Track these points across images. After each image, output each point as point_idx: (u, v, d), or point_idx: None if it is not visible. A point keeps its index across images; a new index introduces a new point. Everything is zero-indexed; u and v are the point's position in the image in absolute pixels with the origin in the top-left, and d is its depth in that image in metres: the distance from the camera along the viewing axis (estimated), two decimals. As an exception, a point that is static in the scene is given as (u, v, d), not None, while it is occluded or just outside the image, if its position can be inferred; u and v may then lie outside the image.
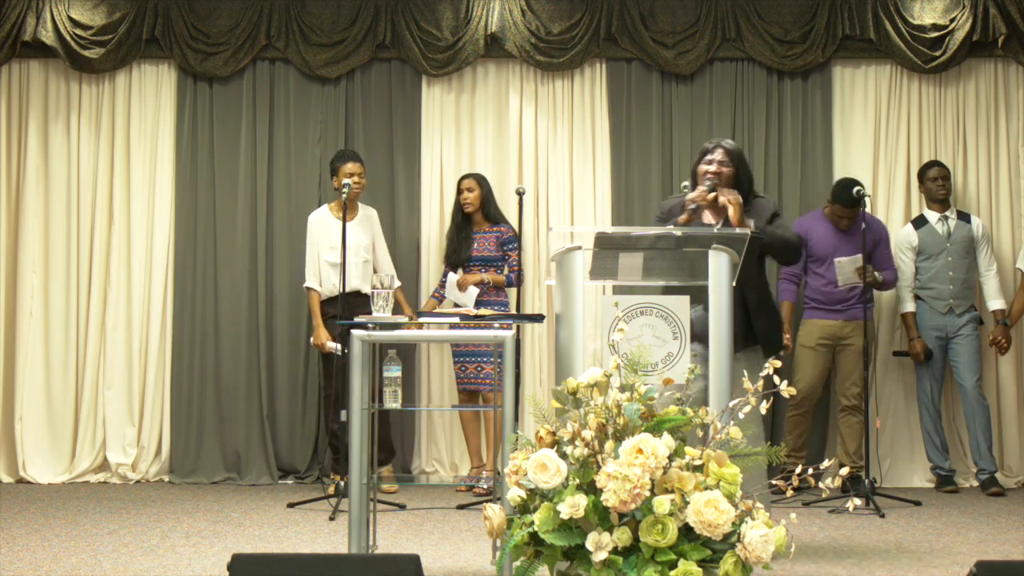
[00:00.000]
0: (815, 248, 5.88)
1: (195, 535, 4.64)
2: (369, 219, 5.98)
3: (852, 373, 5.83)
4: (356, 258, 5.80)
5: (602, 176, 6.40)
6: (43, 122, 6.44)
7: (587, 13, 6.31)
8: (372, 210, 6.05)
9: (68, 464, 6.26)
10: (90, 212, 6.38)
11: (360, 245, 5.85)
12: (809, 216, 6.05)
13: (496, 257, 5.93)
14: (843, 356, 5.88)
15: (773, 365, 2.79)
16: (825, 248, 5.85)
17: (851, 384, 5.84)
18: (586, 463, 2.66)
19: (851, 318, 5.80)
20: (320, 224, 5.88)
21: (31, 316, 6.34)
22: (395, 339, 4.01)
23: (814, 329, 5.89)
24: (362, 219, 5.92)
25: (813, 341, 5.87)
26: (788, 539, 2.60)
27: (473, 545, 4.46)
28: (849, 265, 5.75)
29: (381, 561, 2.83)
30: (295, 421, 6.30)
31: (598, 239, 3.71)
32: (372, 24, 6.36)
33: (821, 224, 5.92)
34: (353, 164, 5.82)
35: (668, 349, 3.49)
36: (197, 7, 6.36)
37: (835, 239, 5.83)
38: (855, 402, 5.83)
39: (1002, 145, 6.38)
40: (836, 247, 5.81)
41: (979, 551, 4.33)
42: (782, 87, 6.44)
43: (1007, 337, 6.02)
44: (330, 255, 5.81)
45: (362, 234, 5.88)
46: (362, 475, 3.73)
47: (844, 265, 5.76)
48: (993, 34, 6.23)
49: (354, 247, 5.77)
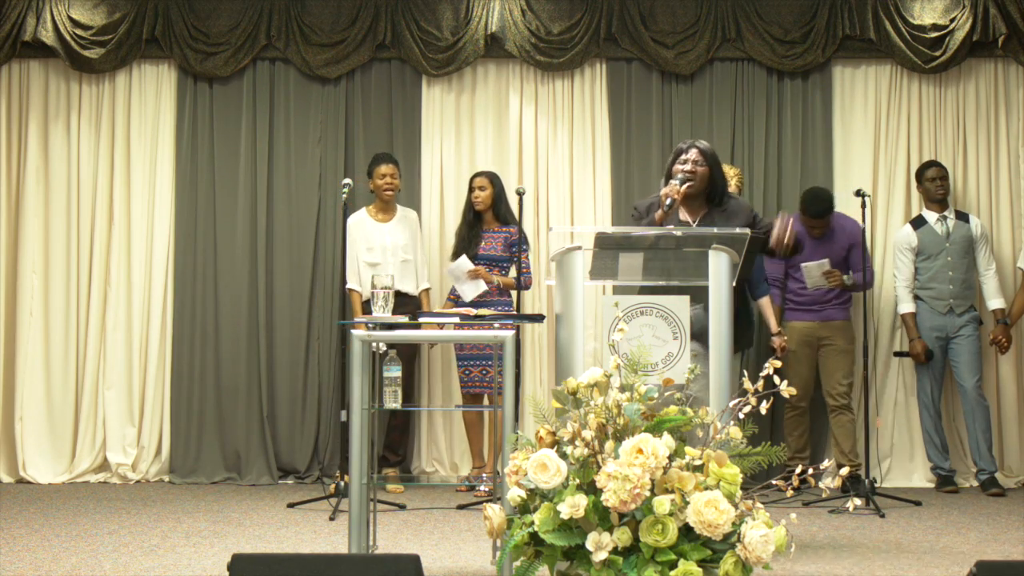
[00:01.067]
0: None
1: (195, 535, 4.64)
2: (408, 220, 6.05)
3: (835, 373, 5.89)
4: (394, 258, 5.91)
5: (602, 176, 6.40)
6: (43, 122, 6.44)
7: (587, 13, 6.31)
8: (412, 212, 6.12)
9: (68, 464, 6.26)
10: (90, 212, 6.38)
11: (398, 245, 5.95)
12: None
13: (503, 258, 5.93)
14: (825, 357, 5.93)
15: (773, 365, 2.79)
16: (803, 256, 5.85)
17: (836, 384, 5.89)
18: (586, 463, 2.66)
19: (827, 319, 5.90)
20: (358, 226, 5.95)
21: (31, 316, 6.34)
22: (395, 339, 4.02)
23: (793, 331, 5.94)
24: (400, 219, 6.01)
25: (794, 343, 5.91)
26: (788, 539, 2.60)
27: (473, 545, 4.46)
28: (816, 269, 5.78)
29: (381, 561, 2.83)
30: (295, 421, 6.30)
31: (598, 239, 3.71)
32: (372, 24, 6.36)
33: (799, 228, 5.92)
34: (386, 166, 5.94)
35: (668, 349, 3.49)
36: (197, 7, 6.37)
37: (810, 243, 5.84)
38: (843, 401, 5.89)
39: (1002, 145, 6.38)
40: (811, 251, 5.81)
41: (979, 551, 4.33)
42: (782, 87, 6.44)
43: (1007, 336, 6.02)
44: (368, 256, 5.92)
45: (400, 234, 5.95)
46: (362, 475, 3.73)
47: (811, 269, 5.79)
48: (993, 34, 6.23)
49: (392, 247, 5.92)
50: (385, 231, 5.97)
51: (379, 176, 5.92)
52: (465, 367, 5.91)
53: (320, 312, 6.33)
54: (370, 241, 5.94)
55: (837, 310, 5.92)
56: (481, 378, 5.86)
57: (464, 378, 5.93)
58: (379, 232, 5.95)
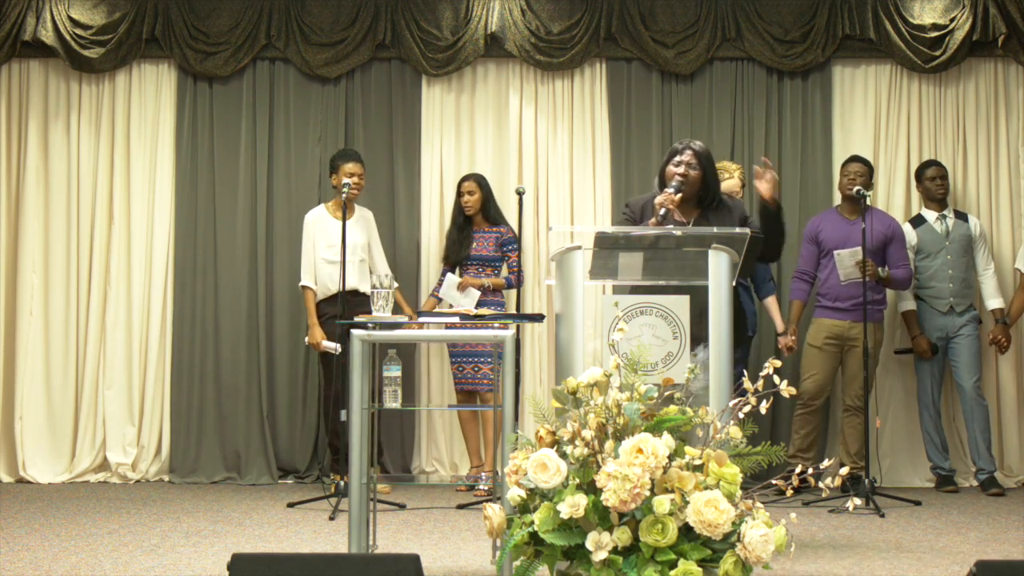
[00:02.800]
0: (826, 242, 5.86)
1: (195, 535, 4.64)
2: (365, 219, 5.98)
3: (859, 374, 5.73)
4: (353, 257, 5.78)
5: (602, 176, 6.41)
6: (43, 122, 6.44)
7: (587, 13, 6.31)
8: (368, 211, 6.06)
9: (68, 464, 6.27)
10: (90, 212, 6.38)
11: (357, 244, 5.84)
12: (822, 214, 6.05)
13: (494, 257, 5.93)
14: (851, 357, 5.83)
15: (773, 365, 2.79)
16: (835, 242, 5.81)
17: (857, 386, 5.78)
18: (586, 463, 2.66)
19: (859, 319, 5.64)
20: (317, 223, 5.88)
21: (31, 316, 6.34)
22: (395, 339, 4.02)
23: (821, 328, 5.86)
24: (358, 219, 5.92)
25: (820, 340, 5.85)
26: (788, 539, 2.60)
27: (473, 545, 4.46)
28: (849, 258, 5.67)
29: (381, 561, 2.83)
30: (295, 421, 6.30)
31: (598, 239, 3.71)
32: (372, 24, 6.36)
33: (832, 218, 5.92)
34: (354, 164, 5.83)
35: (668, 349, 3.49)
36: (197, 7, 6.37)
37: (843, 233, 5.80)
38: (859, 403, 5.78)
39: (1002, 145, 6.39)
40: (844, 241, 5.77)
41: (979, 551, 4.33)
42: (782, 87, 6.44)
43: (1007, 336, 6.02)
44: (327, 253, 5.81)
45: (359, 233, 5.88)
46: (362, 475, 3.73)
47: (844, 258, 5.70)
48: (993, 34, 6.23)
49: (351, 246, 5.76)
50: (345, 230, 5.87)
51: (346, 174, 5.76)
52: (458, 364, 5.91)
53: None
54: (330, 239, 5.79)
55: (870, 310, 5.68)
56: (474, 375, 5.86)
57: (457, 375, 5.93)
58: (338, 231, 5.72)
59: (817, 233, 5.90)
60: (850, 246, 5.68)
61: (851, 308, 5.76)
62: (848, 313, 5.78)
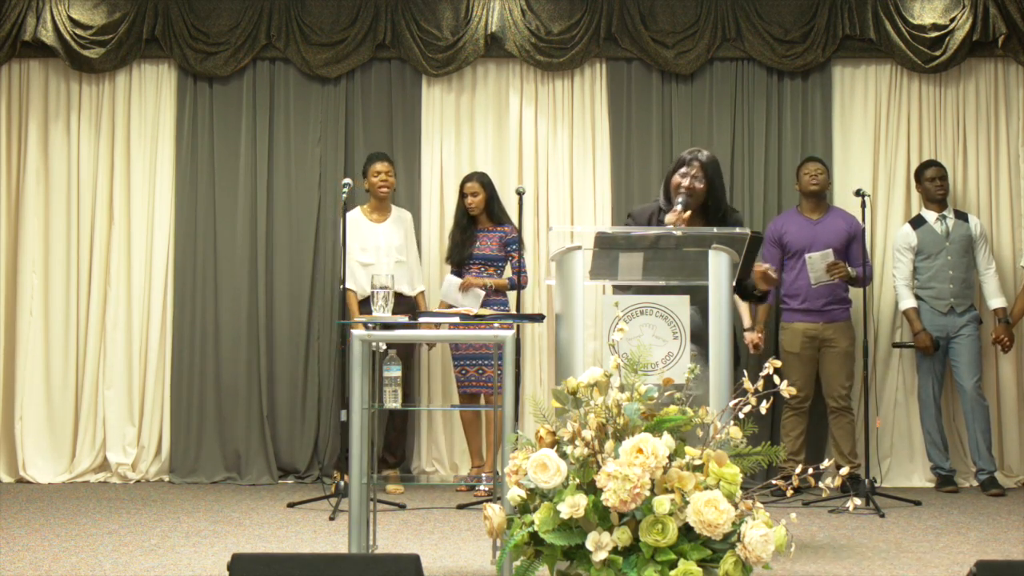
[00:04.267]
0: (791, 243, 5.90)
1: (195, 535, 4.64)
2: (402, 220, 6.02)
3: (838, 375, 5.87)
4: (388, 259, 5.84)
5: (602, 176, 6.40)
6: (43, 122, 6.44)
7: (587, 13, 6.31)
8: (407, 212, 6.09)
9: (68, 464, 6.27)
10: (90, 212, 6.38)
11: (392, 246, 5.89)
12: (783, 215, 6.08)
13: (498, 257, 5.92)
14: (827, 358, 5.90)
15: (773, 364, 2.79)
16: (801, 242, 5.86)
17: (838, 386, 5.87)
18: (586, 463, 2.66)
19: (831, 320, 5.86)
20: (352, 225, 5.88)
21: (31, 316, 6.34)
22: (395, 339, 4.01)
23: (796, 334, 5.89)
24: (395, 220, 5.98)
25: (797, 346, 5.88)
26: (788, 539, 2.60)
27: (473, 545, 4.46)
28: (819, 261, 5.73)
29: (381, 561, 2.83)
30: (295, 421, 6.30)
31: (598, 239, 3.71)
32: (372, 24, 6.36)
33: (795, 219, 5.96)
34: (380, 163, 5.90)
35: (668, 349, 3.49)
36: (197, 7, 6.37)
37: (809, 234, 5.84)
38: (843, 403, 5.88)
39: (1002, 145, 6.38)
40: (811, 241, 5.81)
41: (979, 551, 4.33)
42: (782, 87, 6.44)
43: (1010, 335, 6.02)
44: (362, 256, 5.86)
45: (395, 235, 5.91)
46: (362, 475, 3.73)
47: (815, 261, 5.75)
48: (993, 34, 6.23)
49: (386, 248, 5.85)
50: (379, 231, 5.93)
51: (373, 174, 5.87)
52: (461, 367, 5.90)
53: (320, 312, 6.33)
54: (364, 241, 5.88)
55: (839, 310, 5.90)
56: (478, 377, 5.85)
57: (460, 378, 5.92)
58: (373, 232, 5.92)
59: (781, 235, 5.93)
60: (817, 246, 5.79)
61: (823, 309, 5.86)
62: (821, 315, 5.86)
